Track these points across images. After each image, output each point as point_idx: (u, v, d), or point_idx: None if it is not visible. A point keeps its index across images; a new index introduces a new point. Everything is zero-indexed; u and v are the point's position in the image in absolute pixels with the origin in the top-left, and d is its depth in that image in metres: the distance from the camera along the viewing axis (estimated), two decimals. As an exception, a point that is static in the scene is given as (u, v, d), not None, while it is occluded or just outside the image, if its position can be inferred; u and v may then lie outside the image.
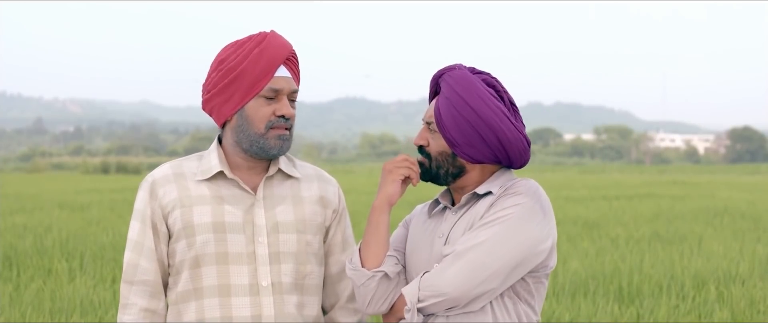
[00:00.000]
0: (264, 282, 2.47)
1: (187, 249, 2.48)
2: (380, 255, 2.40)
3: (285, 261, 2.50)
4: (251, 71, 2.44)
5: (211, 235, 2.46)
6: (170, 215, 2.49)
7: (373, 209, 2.42)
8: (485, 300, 2.31)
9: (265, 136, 2.46)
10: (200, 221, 2.47)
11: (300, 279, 2.52)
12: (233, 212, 2.49)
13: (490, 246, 2.28)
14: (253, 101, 2.46)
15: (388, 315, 2.40)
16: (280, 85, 2.46)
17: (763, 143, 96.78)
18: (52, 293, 7.32)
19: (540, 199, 2.35)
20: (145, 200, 2.51)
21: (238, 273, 2.47)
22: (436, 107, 2.42)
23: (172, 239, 2.50)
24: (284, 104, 2.46)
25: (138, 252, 2.50)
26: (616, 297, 7.39)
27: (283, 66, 2.48)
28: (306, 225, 2.54)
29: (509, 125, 2.36)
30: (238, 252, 2.47)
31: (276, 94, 2.46)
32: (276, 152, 2.47)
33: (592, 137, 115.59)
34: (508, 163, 2.43)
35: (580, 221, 14.39)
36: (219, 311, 2.45)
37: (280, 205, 2.53)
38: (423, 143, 2.45)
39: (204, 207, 2.48)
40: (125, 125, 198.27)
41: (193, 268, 2.48)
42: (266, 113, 2.46)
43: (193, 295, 2.48)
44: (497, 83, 2.43)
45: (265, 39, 2.48)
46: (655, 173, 53.00)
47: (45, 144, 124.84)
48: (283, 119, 2.46)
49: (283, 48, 2.48)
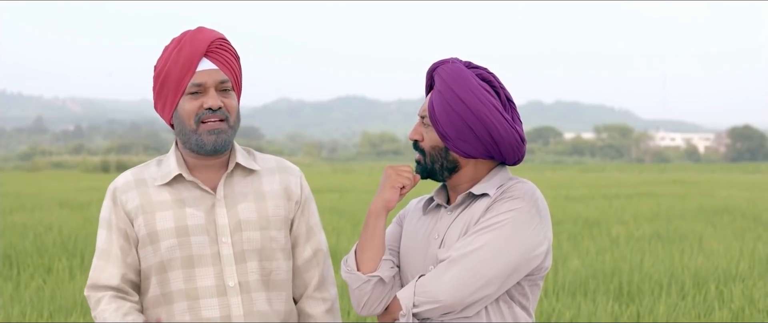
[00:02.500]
0: (231, 282, 2.46)
1: (152, 255, 2.47)
2: (376, 260, 2.38)
3: (250, 259, 2.49)
4: (173, 72, 2.44)
5: (175, 239, 2.45)
6: (135, 222, 2.49)
7: (369, 213, 2.41)
8: (480, 305, 2.31)
9: (196, 131, 2.45)
10: (163, 227, 2.46)
11: (266, 275, 2.51)
12: (195, 214, 2.48)
13: (485, 253, 2.27)
14: (182, 99, 2.45)
15: (383, 315, 2.39)
16: (201, 79, 2.44)
17: (763, 142, 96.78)
18: (52, 291, 7.32)
19: (536, 203, 2.33)
20: (110, 207, 2.52)
21: (204, 275, 2.46)
22: (429, 101, 2.41)
23: (139, 245, 2.50)
24: (210, 95, 2.44)
25: (105, 258, 2.50)
26: (616, 296, 7.39)
27: (206, 59, 2.45)
28: (269, 221, 2.52)
29: (501, 120, 2.34)
30: (203, 254, 2.46)
31: (200, 88, 2.44)
32: (211, 146, 2.45)
33: (593, 135, 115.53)
34: (501, 159, 2.41)
35: (580, 220, 14.39)
36: (188, 315, 2.45)
37: (241, 202, 2.51)
38: (417, 137, 2.44)
39: (166, 212, 2.47)
40: (125, 123, 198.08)
41: (159, 273, 2.47)
42: (193, 108, 2.44)
43: (163, 300, 2.48)
44: (493, 78, 2.40)
45: (184, 37, 2.47)
46: (655, 172, 52.98)
47: (45, 143, 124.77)
48: (210, 111, 2.44)
49: (201, 41, 2.45)
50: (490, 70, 2.43)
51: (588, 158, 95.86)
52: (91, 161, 58.20)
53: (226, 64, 2.48)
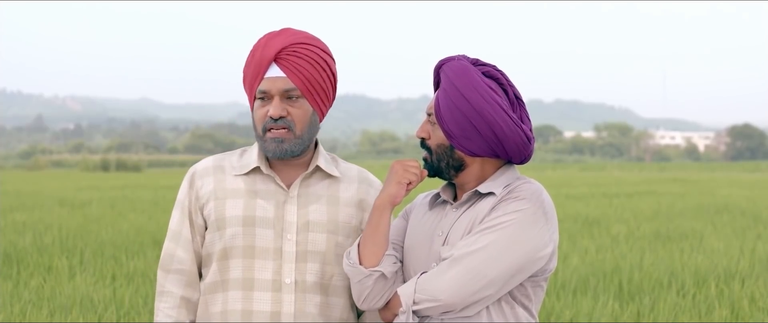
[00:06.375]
0: (287, 279, 2.47)
1: (218, 241, 2.50)
2: (378, 255, 2.37)
3: (312, 260, 2.49)
4: (248, 75, 2.47)
5: (240, 228, 2.48)
6: (205, 207, 2.52)
7: (374, 208, 2.39)
8: (481, 305, 2.29)
9: (263, 138, 2.47)
10: (231, 214, 2.49)
11: (325, 279, 2.51)
12: (265, 206, 2.49)
13: (488, 253, 2.25)
14: (255, 103, 2.48)
15: (384, 310, 2.38)
16: (266, 86, 2.44)
17: (763, 141, 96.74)
18: (52, 290, 7.31)
19: (543, 204, 2.31)
20: (185, 190, 2.56)
21: (263, 267, 2.48)
22: (435, 99, 2.40)
23: (208, 230, 2.53)
24: (273, 104, 2.44)
25: (175, 241, 2.54)
26: (617, 295, 7.38)
27: (275, 65, 2.44)
28: (338, 226, 2.53)
29: (505, 118, 2.31)
30: (265, 247, 2.48)
31: (266, 95, 2.45)
32: (272, 154, 2.47)
33: (593, 134, 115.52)
34: (507, 157, 2.39)
35: (580, 218, 14.38)
36: (241, 304, 2.47)
37: (314, 204, 2.52)
38: (424, 135, 2.43)
39: (237, 201, 2.50)
40: (125, 122, 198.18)
41: (221, 260, 2.50)
42: (261, 115, 2.46)
43: (221, 286, 2.50)
44: (501, 76, 2.38)
45: (261, 40, 2.47)
46: (655, 171, 52.98)
47: (45, 142, 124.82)
48: (272, 121, 2.44)
49: (270, 48, 2.44)
50: (499, 67, 2.40)
51: (588, 157, 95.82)
52: (91, 160, 58.18)
53: (295, 71, 2.43)
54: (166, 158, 78.48)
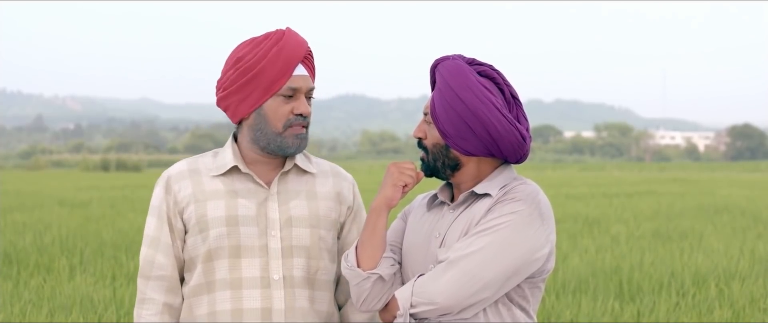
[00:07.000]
0: (275, 276, 2.49)
1: (201, 244, 2.50)
2: (376, 257, 2.37)
3: (297, 255, 2.51)
4: (269, 70, 2.45)
5: (225, 228, 2.48)
6: (185, 211, 2.51)
7: (371, 210, 2.39)
8: (478, 308, 2.29)
9: (282, 134, 2.48)
10: (214, 215, 2.49)
11: (312, 273, 2.53)
12: (247, 205, 2.50)
13: (484, 255, 2.25)
14: (271, 99, 2.47)
15: (383, 313, 2.39)
16: (298, 84, 2.47)
17: (763, 141, 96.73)
18: (51, 290, 7.32)
19: (539, 205, 2.31)
20: (161, 196, 2.54)
21: (250, 265, 2.48)
22: (431, 99, 2.40)
23: (188, 234, 2.52)
24: (302, 102, 2.48)
25: (154, 247, 2.53)
26: (617, 295, 7.38)
27: (300, 64, 2.48)
28: (320, 220, 2.55)
29: (499, 118, 2.31)
30: (251, 245, 2.49)
31: (294, 93, 2.47)
32: (293, 150, 2.50)
33: (593, 134, 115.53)
34: (503, 157, 2.39)
35: (580, 218, 14.38)
36: (230, 304, 2.47)
37: (294, 199, 2.54)
38: (421, 135, 2.43)
39: (218, 201, 2.50)
40: (125, 122, 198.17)
41: (206, 262, 2.50)
42: (284, 112, 2.47)
43: (206, 289, 2.50)
44: (498, 75, 2.38)
45: (283, 37, 2.48)
46: (655, 171, 52.98)
47: (45, 141, 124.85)
48: (301, 118, 2.47)
49: (300, 46, 2.48)
50: (495, 67, 2.40)
51: (588, 157, 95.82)
52: (91, 160, 58.18)
53: (313, 73, 2.54)
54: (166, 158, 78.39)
